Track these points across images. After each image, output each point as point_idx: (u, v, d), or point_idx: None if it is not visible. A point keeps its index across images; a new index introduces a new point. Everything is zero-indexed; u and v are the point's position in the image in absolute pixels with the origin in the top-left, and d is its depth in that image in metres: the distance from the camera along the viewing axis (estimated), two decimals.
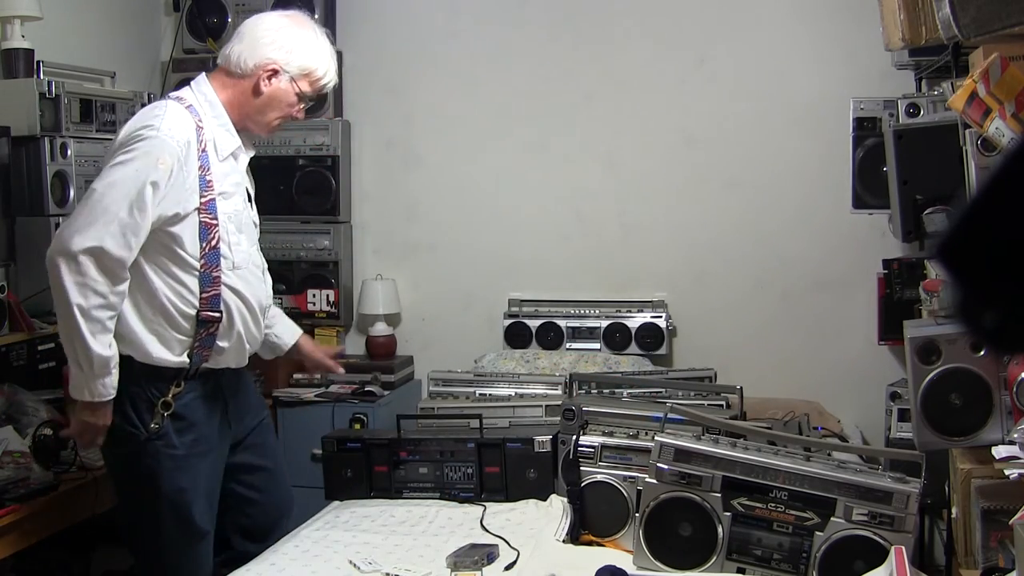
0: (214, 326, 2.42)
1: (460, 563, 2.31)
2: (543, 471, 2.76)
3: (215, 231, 2.40)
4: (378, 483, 2.88)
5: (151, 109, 2.43)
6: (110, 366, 2.30)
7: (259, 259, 2.60)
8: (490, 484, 2.81)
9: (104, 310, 2.26)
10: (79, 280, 2.23)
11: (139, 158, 2.28)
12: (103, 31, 3.90)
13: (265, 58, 2.48)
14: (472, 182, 4.16)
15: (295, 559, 2.44)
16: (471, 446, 2.82)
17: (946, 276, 0.81)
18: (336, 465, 2.89)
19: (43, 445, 2.73)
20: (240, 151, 2.53)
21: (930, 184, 2.62)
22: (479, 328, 4.13)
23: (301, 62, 2.50)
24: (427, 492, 2.85)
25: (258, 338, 2.58)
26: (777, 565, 2.15)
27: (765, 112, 3.88)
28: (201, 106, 2.46)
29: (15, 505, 2.53)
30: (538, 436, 2.78)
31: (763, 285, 3.93)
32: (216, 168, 2.42)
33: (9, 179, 3.15)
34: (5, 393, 2.89)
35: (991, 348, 1.79)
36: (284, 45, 2.50)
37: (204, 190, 2.38)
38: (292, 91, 2.51)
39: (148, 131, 2.32)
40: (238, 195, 2.50)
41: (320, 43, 2.56)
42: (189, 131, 2.38)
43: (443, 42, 4.14)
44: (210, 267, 2.39)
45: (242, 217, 2.50)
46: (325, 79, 2.57)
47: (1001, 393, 2.07)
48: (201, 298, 2.39)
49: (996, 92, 1.88)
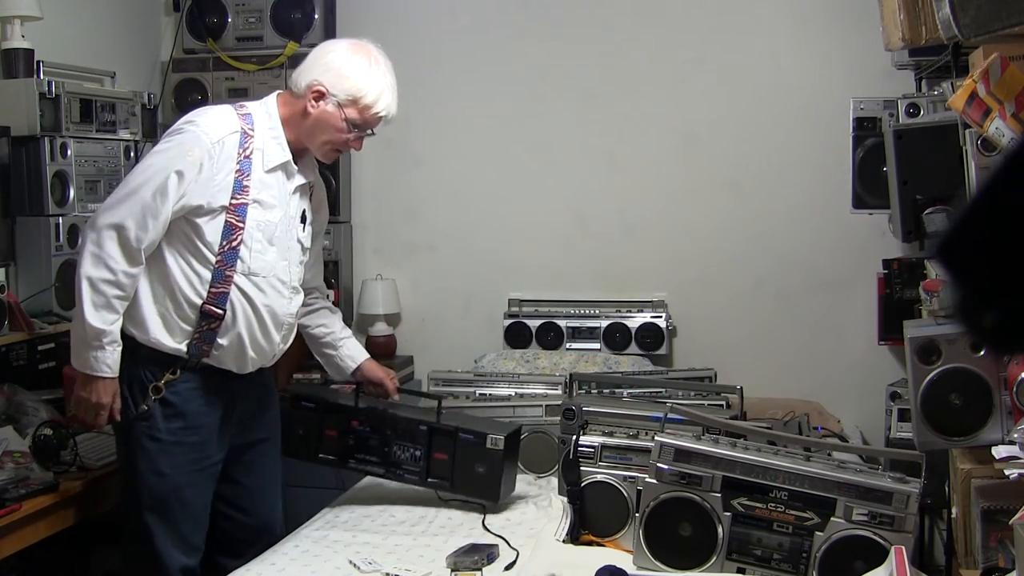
0: (216, 322, 2.46)
1: (460, 563, 2.31)
2: (492, 469, 2.70)
3: (239, 234, 2.45)
4: (326, 447, 2.84)
5: (200, 108, 2.54)
6: (103, 340, 2.37)
7: (289, 276, 2.58)
8: (436, 470, 2.76)
9: (111, 287, 2.36)
10: (95, 251, 2.36)
11: (172, 148, 2.40)
12: (103, 31, 3.90)
13: (313, 80, 2.50)
14: (472, 182, 4.16)
15: (295, 559, 2.44)
16: (423, 428, 2.77)
17: (946, 276, 0.81)
18: (291, 422, 2.84)
19: (43, 445, 2.73)
20: (292, 170, 2.56)
21: (930, 184, 2.62)
22: (479, 328, 4.13)
23: (348, 88, 2.49)
24: (372, 466, 2.82)
25: (266, 350, 2.57)
26: (777, 565, 2.15)
27: (765, 112, 3.88)
28: (260, 116, 2.53)
29: (15, 505, 2.53)
30: (492, 434, 2.73)
31: (763, 285, 3.93)
32: (257, 176, 2.47)
33: (9, 179, 3.15)
34: (5, 393, 2.89)
35: (991, 348, 1.79)
36: (333, 68, 2.51)
37: (237, 193, 2.44)
38: (339, 116, 2.51)
39: (187, 125, 2.44)
40: (279, 208, 2.52)
41: (374, 71, 2.53)
42: (229, 132, 2.45)
43: (443, 42, 4.14)
44: (225, 265, 2.45)
45: (277, 230, 2.52)
46: (376, 108, 2.53)
47: (1001, 393, 2.07)
48: (209, 291, 2.45)
49: (996, 92, 1.88)
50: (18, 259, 3.15)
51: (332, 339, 2.87)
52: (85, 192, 3.32)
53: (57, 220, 3.18)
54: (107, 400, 2.42)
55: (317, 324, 2.87)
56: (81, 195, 3.30)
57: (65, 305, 3.20)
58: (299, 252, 2.62)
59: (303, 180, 2.60)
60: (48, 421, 2.81)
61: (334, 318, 2.90)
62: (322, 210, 2.78)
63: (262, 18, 4.11)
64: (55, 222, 3.17)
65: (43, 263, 3.15)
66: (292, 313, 2.62)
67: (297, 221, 2.60)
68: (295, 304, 2.63)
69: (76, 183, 3.27)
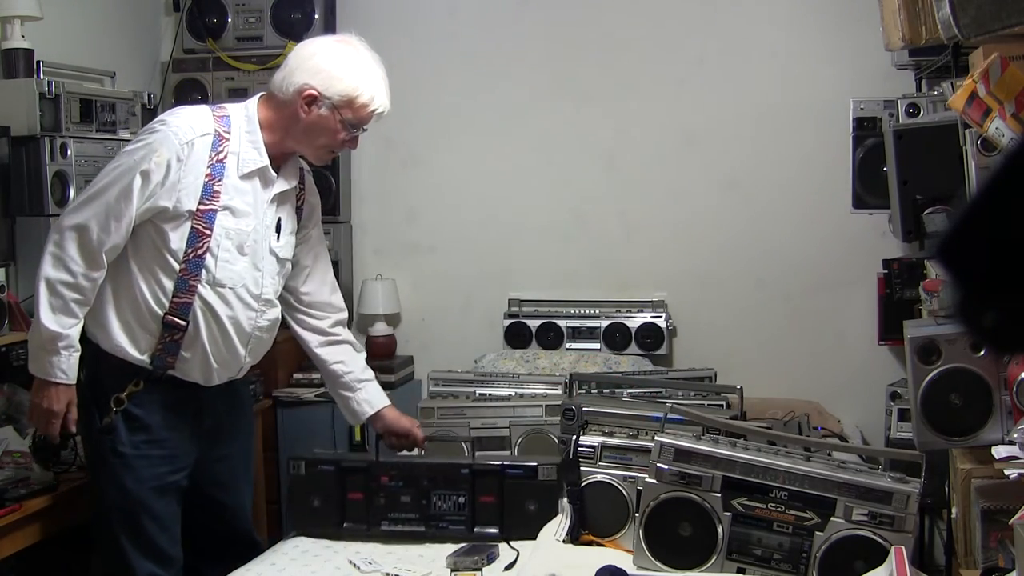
0: (179, 333, 2.35)
1: (460, 563, 2.31)
2: (545, 504, 2.48)
3: (205, 241, 2.34)
4: (353, 514, 2.54)
5: (176, 108, 2.47)
6: (59, 344, 2.30)
7: (260, 288, 2.45)
8: (484, 516, 2.51)
9: (70, 290, 2.29)
10: (56, 252, 2.29)
11: (140, 149, 2.31)
12: (103, 31, 3.90)
13: (303, 83, 2.37)
14: (472, 182, 4.16)
15: (295, 559, 2.44)
16: (465, 472, 2.51)
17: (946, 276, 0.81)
18: (303, 493, 2.55)
19: (43, 445, 2.73)
20: (270, 177, 2.43)
21: (930, 184, 2.62)
22: (479, 328, 4.13)
23: (341, 88, 2.37)
24: (409, 524, 2.52)
25: (230, 362, 2.45)
26: (777, 565, 2.15)
27: (765, 112, 3.88)
28: (238, 119, 2.40)
29: (15, 505, 2.53)
30: (543, 464, 2.51)
31: (763, 285, 3.93)
32: (230, 182, 2.36)
33: (9, 179, 3.15)
34: (5, 393, 2.89)
35: (991, 348, 1.79)
36: (323, 70, 2.38)
37: (207, 198, 2.33)
38: (334, 119, 2.39)
39: (158, 125, 2.36)
40: (253, 217, 2.40)
41: (365, 68, 2.41)
42: (201, 134, 2.33)
43: (443, 42, 4.14)
44: (189, 274, 2.34)
45: (249, 239, 2.40)
46: (372, 106, 2.42)
47: (1001, 393, 2.07)
48: (172, 301, 2.34)
49: (996, 92, 1.88)
50: (18, 259, 3.15)
51: (351, 379, 2.69)
52: None
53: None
54: (59, 408, 2.32)
55: (335, 360, 2.68)
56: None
57: None
58: (275, 264, 2.49)
59: (283, 187, 2.47)
60: None
61: (356, 356, 2.72)
62: (313, 217, 2.64)
63: (262, 18, 4.11)
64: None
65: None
66: (263, 327, 2.49)
67: (272, 231, 2.47)
68: (267, 317, 2.50)
69: (76, 183, 3.27)
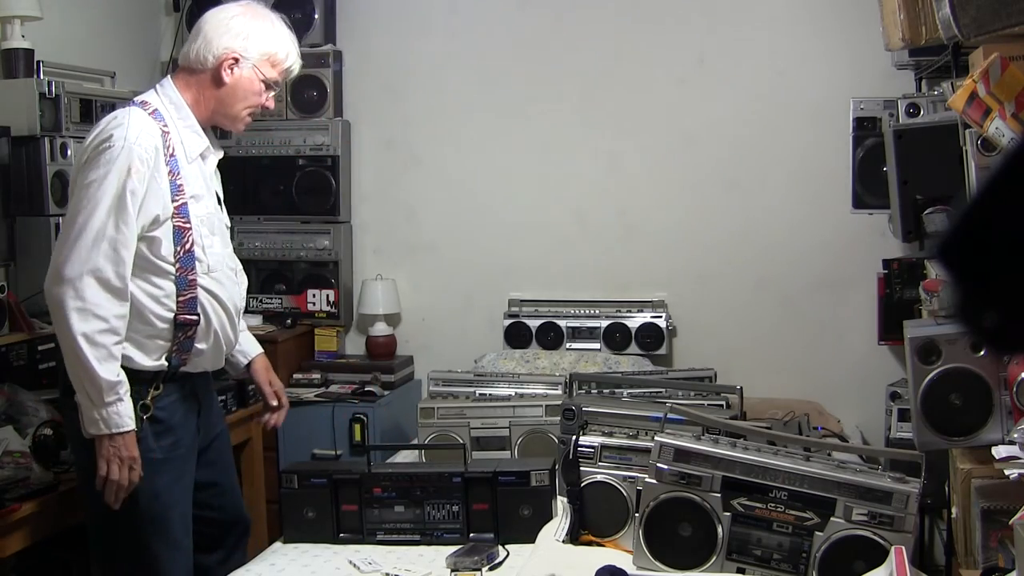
0: (192, 329, 2.38)
1: (460, 563, 2.31)
2: (539, 508, 2.50)
3: (188, 235, 2.36)
4: (347, 525, 2.54)
5: (112, 119, 2.33)
6: (120, 391, 2.24)
7: (233, 261, 2.54)
8: (478, 523, 2.52)
9: (108, 335, 2.22)
10: (79, 306, 2.20)
11: (111, 172, 2.24)
12: (103, 31, 3.90)
13: (224, 48, 2.42)
14: (472, 182, 4.16)
15: (295, 559, 2.44)
16: (457, 480, 2.52)
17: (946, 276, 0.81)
18: (296, 505, 2.55)
19: (43, 445, 2.73)
20: (209, 152, 2.49)
21: (930, 184, 2.62)
22: (479, 328, 4.13)
23: (260, 47, 2.45)
24: (404, 534, 2.53)
25: (233, 340, 2.53)
26: (777, 565, 2.15)
27: (765, 112, 3.89)
28: (166, 109, 2.41)
29: (15, 505, 2.53)
30: (535, 470, 2.52)
31: (763, 285, 3.93)
32: (185, 171, 2.39)
33: (9, 179, 3.15)
34: (5, 393, 2.89)
35: (991, 348, 1.78)
36: (241, 33, 2.44)
37: (176, 194, 2.34)
38: (256, 78, 2.46)
39: (115, 142, 2.27)
40: (208, 197, 2.45)
41: (278, 28, 2.51)
42: (155, 137, 2.33)
43: (443, 42, 4.14)
44: (185, 270, 2.35)
45: (214, 219, 2.46)
46: (287, 62, 2.51)
47: (1001, 393, 2.07)
48: (178, 302, 2.35)
49: (996, 92, 1.88)
50: (18, 259, 3.15)
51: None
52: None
53: (57, 220, 3.17)
54: (136, 452, 2.28)
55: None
56: None
57: None
58: (227, 232, 2.55)
59: (217, 157, 2.53)
60: (48, 421, 2.81)
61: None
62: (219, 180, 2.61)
63: None
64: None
65: (43, 263, 3.11)
66: (243, 295, 2.57)
67: (216, 203, 2.52)
68: (244, 287, 2.58)
69: None
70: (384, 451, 3.17)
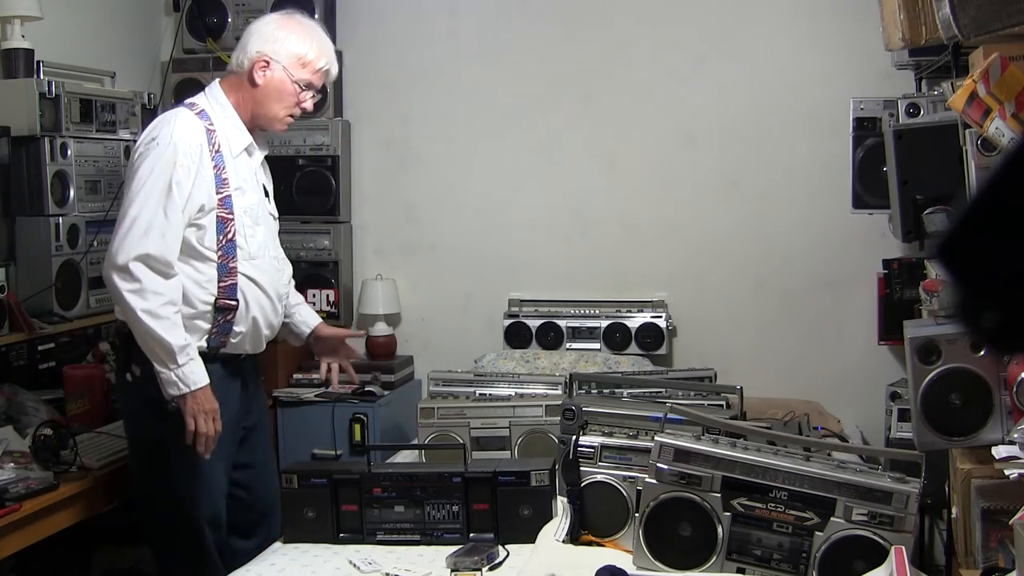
0: (231, 313, 2.57)
1: (460, 563, 2.30)
2: (539, 508, 2.49)
3: (231, 224, 2.56)
4: (347, 524, 2.54)
5: (161, 119, 2.57)
6: (190, 353, 2.46)
7: (276, 249, 2.75)
8: (478, 523, 2.51)
9: (167, 307, 2.44)
10: (135, 287, 2.41)
11: (159, 166, 2.46)
12: (103, 31, 3.90)
13: (256, 51, 2.62)
14: (472, 182, 4.16)
15: (295, 559, 2.44)
16: (457, 481, 2.51)
17: (946, 276, 0.81)
18: (296, 505, 2.55)
19: (43, 445, 2.73)
20: (253, 148, 2.68)
21: (930, 184, 2.62)
22: (479, 328, 4.13)
23: (290, 49, 2.62)
24: (405, 534, 2.52)
25: (275, 324, 2.72)
26: (777, 565, 2.14)
27: (765, 112, 3.89)
28: (213, 109, 2.62)
29: (15, 505, 2.53)
30: (535, 470, 2.51)
31: (763, 285, 3.93)
32: (230, 165, 2.58)
33: (9, 179, 3.15)
34: (5, 393, 2.89)
35: (991, 348, 1.78)
36: (272, 37, 2.62)
37: (220, 187, 2.54)
38: (288, 80, 2.62)
39: (162, 139, 2.49)
40: (253, 190, 2.65)
41: (310, 32, 2.67)
42: (199, 135, 2.53)
43: (443, 42, 4.14)
44: (227, 258, 2.55)
45: (259, 210, 2.65)
46: (319, 63, 2.66)
47: (1001, 393, 2.07)
48: (219, 287, 2.55)
49: (996, 92, 1.88)
50: (18, 259, 3.15)
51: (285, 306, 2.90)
52: (85, 192, 3.32)
53: (57, 220, 3.18)
54: (216, 403, 2.50)
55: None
56: (81, 195, 3.30)
57: (65, 305, 3.20)
58: (273, 223, 2.76)
59: (263, 154, 2.73)
60: (48, 421, 2.81)
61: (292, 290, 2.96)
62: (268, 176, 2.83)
63: None
64: (55, 222, 3.17)
65: (43, 263, 3.15)
66: (286, 283, 2.81)
67: (263, 195, 2.72)
68: (287, 275, 2.83)
69: (76, 183, 3.27)
70: (384, 451, 3.17)
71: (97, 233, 3.32)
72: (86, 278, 3.28)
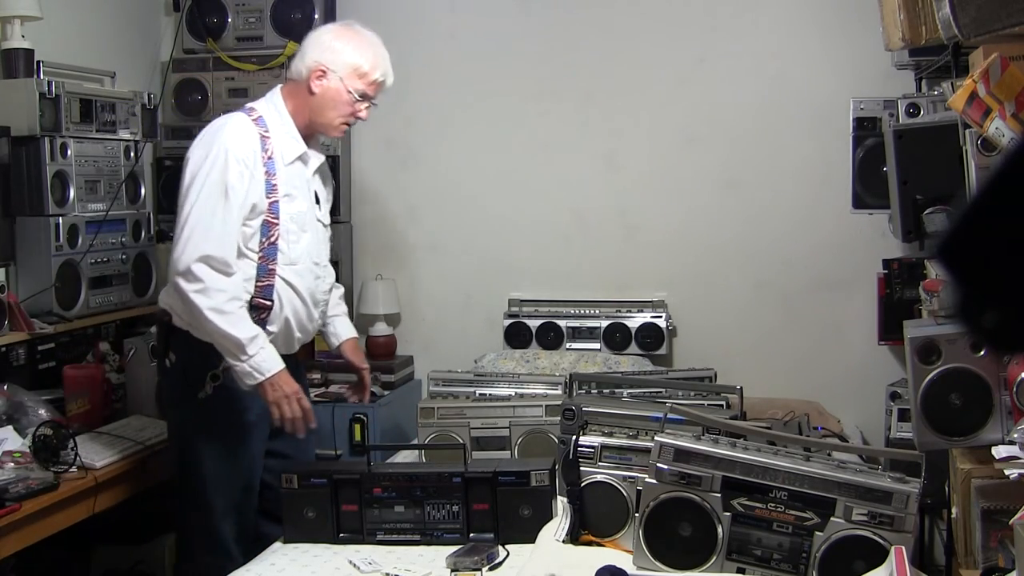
0: (265, 312, 2.64)
1: (460, 563, 2.30)
2: (539, 508, 2.48)
3: (275, 229, 2.63)
4: (346, 524, 2.53)
5: (215, 124, 2.65)
6: (260, 342, 2.55)
7: (320, 256, 2.79)
8: (478, 523, 2.50)
9: (232, 302, 2.53)
10: (199, 288, 2.50)
11: (214, 170, 2.54)
12: (103, 31, 3.90)
13: (314, 61, 2.68)
14: (472, 182, 4.16)
15: (295, 559, 2.44)
16: (457, 481, 2.50)
17: (946, 276, 0.81)
18: (297, 505, 2.54)
19: (43, 445, 2.73)
20: (308, 156, 2.74)
21: (930, 184, 2.62)
22: (479, 328, 4.13)
23: (346, 60, 2.68)
24: (405, 534, 2.52)
25: (309, 328, 2.78)
26: (777, 565, 2.14)
27: (765, 112, 3.89)
28: (270, 116, 2.68)
29: (15, 505, 2.53)
30: (535, 470, 2.50)
31: (763, 285, 3.93)
32: (281, 172, 2.65)
33: (9, 179, 3.15)
34: (5, 393, 2.89)
35: (991, 348, 1.79)
36: (330, 47, 2.69)
37: (269, 192, 2.61)
38: (343, 89, 2.68)
39: (215, 144, 2.57)
40: (303, 198, 2.71)
41: (366, 43, 2.73)
42: (252, 141, 2.60)
43: (443, 42, 4.14)
44: (267, 260, 2.63)
45: (306, 217, 2.71)
46: (374, 74, 2.71)
47: (1001, 393, 2.07)
48: (256, 286, 2.62)
49: (996, 92, 1.88)
50: (18, 259, 3.15)
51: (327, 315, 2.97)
52: (85, 192, 3.32)
53: (57, 220, 3.18)
54: (296, 385, 2.61)
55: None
56: (81, 195, 3.30)
57: (65, 305, 3.20)
58: (322, 230, 2.82)
59: (317, 163, 2.78)
60: (48, 421, 2.81)
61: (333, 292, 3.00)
62: (328, 183, 2.91)
63: (262, 18, 4.11)
64: (55, 222, 3.17)
65: (43, 263, 3.15)
66: (326, 290, 2.84)
67: (314, 203, 2.77)
68: (328, 282, 2.86)
69: (76, 183, 3.27)
70: (384, 451, 3.16)
71: (97, 233, 3.32)
72: (86, 278, 3.28)
